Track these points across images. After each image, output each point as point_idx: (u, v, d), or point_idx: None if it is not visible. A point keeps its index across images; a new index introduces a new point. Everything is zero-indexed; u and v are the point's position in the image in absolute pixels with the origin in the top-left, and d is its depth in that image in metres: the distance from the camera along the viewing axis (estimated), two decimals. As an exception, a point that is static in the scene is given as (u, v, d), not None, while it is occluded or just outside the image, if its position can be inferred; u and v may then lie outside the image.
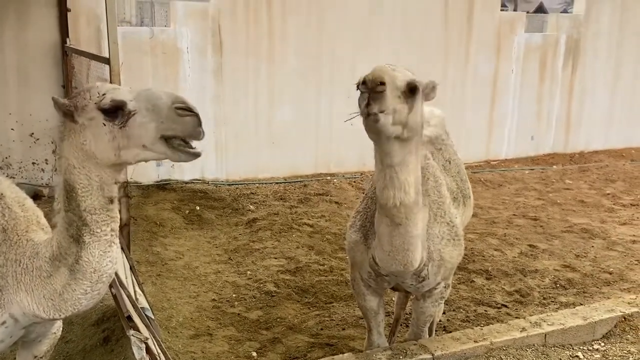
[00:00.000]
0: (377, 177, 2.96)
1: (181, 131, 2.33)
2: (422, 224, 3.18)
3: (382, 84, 2.65)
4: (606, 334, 4.18)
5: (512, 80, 10.73)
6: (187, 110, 2.33)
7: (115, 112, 2.35)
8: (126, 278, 4.35)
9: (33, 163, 7.72)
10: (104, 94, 2.39)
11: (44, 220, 2.86)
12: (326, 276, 5.88)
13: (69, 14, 7.56)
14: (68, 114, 2.45)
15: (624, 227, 7.60)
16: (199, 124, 2.34)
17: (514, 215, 7.96)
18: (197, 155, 2.40)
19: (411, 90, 2.78)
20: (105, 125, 2.36)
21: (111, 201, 2.46)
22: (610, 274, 6.13)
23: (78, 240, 2.45)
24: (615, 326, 4.19)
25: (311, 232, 7.05)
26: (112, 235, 2.48)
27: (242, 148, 8.96)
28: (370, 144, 2.97)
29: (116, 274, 3.92)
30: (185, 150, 2.38)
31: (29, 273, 2.55)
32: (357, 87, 2.75)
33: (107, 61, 5.30)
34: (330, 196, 8.33)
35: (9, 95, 7.56)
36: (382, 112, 2.68)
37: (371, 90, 2.64)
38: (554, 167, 10.57)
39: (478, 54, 10.31)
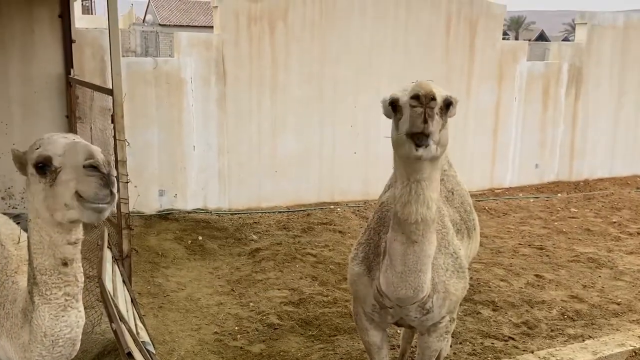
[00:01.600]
0: (400, 193, 2.89)
1: (85, 192, 2.06)
2: (435, 245, 3.12)
3: (434, 99, 2.62)
4: (617, 368, 4.09)
5: (515, 109, 10.74)
6: (95, 169, 2.05)
7: (44, 168, 2.13)
8: (127, 311, 4.29)
9: (36, 193, 7.69)
10: (37, 148, 2.18)
11: None
12: (330, 308, 5.79)
13: (73, 45, 7.63)
14: (22, 168, 2.27)
15: (631, 256, 7.51)
16: (105, 185, 2.05)
17: (520, 244, 7.88)
18: (98, 210, 2.09)
19: (447, 106, 2.76)
20: (40, 182, 2.15)
21: (65, 264, 2.23)
22: (619, 304, 6.03)
23: (32, 298, 2.27)
24: (626, 361, 4.10)
25: (315, 262, 6.99)
26: (66, 300, 2.26)
27: (245, 177, 8.95)
28: (374, 173, 2.94)
29: (117, 307, 3.87)
30: (90, 207, 2.09)
31: (10, 319, 2.41)
32: (391, 103, 2.73)
33: (110, 92, 5.32)
34: (334, 225, 8.27)
35: (13, 126, 7.58)
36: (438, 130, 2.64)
37: (425, 105, 2.59)
38: (559, 195, 10.51)
39: (480, 82, 10.34)
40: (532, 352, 4.55)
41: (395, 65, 9.58)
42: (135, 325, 4.19)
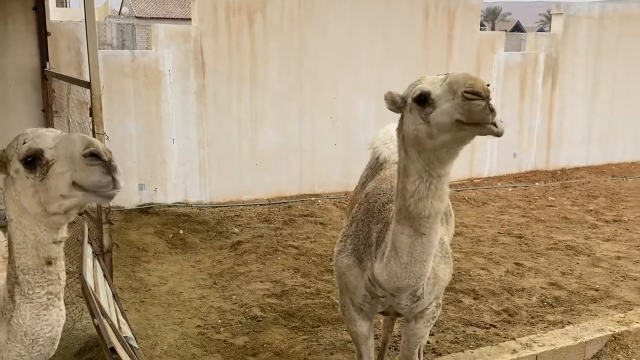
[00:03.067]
0: (417, 188, 2.87)
1: (88, 182, 2.04)
2: (440, 233, 3.15)
3: (489, 92, 2.65)
4: (597, 353, 4.17)
5: (492, 98, 10.80)
6: (96, 157, 2.03)
7: (34, 162, 2.10)
8: (109, 307, 4.25)
9: (12, 189, 7.57)
10: (24, 142, 2.15)
11: None
12: (313, 299, 5.81)
13: (49, 37, 7.49)
14: (1, 166, 2.21)
15: (608, 243, 7.64)
16: (107, 172, 2.03)
17: (499, 233, 7.97)
18: (109, 197, 2.12)
19: None
20: (28, 177, 2.12)
21: (49, 262, 2.22)
22: (597, 290, 6.13)
23: (12, 297, 2.25)
24: (605, 345, 4.18)
25: (296, 254, 6.99)
26: (49, 298, 2.25)
27: (226, 170, 8.91)
28: (354, 164, 2.94)
29: (99, 302, 3.84)
30: (98, 194, 2.09)
31: None
32: (419, 97, 2.78)
33: (87, 85, 5.25)
34: (315, 217, 8.28)
35: (-13, 120, 7.44)
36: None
37: (486, 98, 2.63)
38: (537, 184, 10.64)
39: (458, 72, 10.38)
40: (514, 338, 4.61)
41: (374, 57, 9.60)
42: (118, 320, 4.15)
